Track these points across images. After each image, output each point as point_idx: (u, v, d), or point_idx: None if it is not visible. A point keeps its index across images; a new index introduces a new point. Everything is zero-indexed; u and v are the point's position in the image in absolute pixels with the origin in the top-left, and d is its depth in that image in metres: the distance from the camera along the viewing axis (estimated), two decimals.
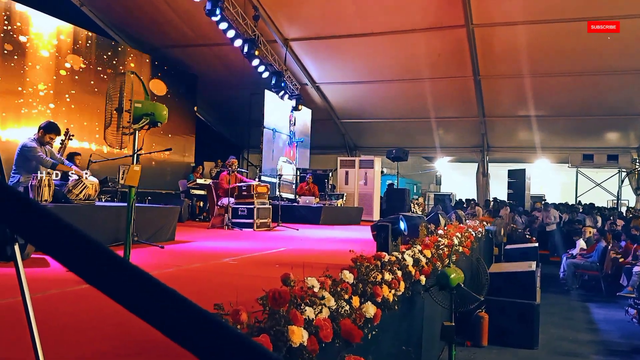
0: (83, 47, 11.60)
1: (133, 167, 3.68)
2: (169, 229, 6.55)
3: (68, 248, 0.46)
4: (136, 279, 0.43)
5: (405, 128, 18.11)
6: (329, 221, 11.64)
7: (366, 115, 17.89)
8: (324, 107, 17.52)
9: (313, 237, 8.22)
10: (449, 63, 14.30)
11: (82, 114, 11.47)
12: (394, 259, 3.63)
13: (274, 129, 15.54)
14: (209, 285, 3.58)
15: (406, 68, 14.82)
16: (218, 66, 15.77)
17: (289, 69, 15.44)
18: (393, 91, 16.23)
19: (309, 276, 2.47)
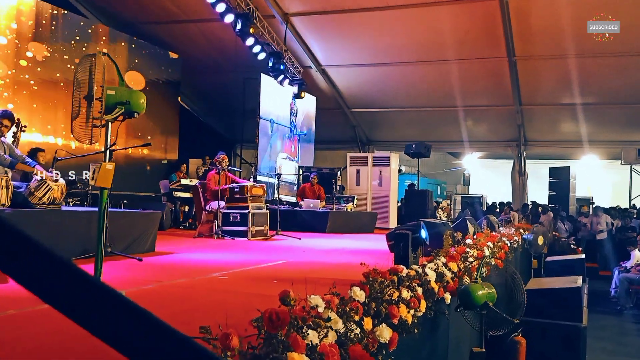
0: (47, 31, 11.65)
1: (105, 165, 3.69)
2: (148, 238, 6.57)
3: (23, 262, 0.46)
4: (106, 300, 0.43)
5: (427, 119, 18.08)
6: (337, 229, 11.63)
7: (381, 103, 17.87)
8: (330, 94, 17.52)
9: (318, 248, 8.21)
10: (479, 41, 14.26)
11: (46, 103, 11.52)
12: (413, 273, 3.62)
13: (271, 119, 15.55)
14: (195, 305, 3.59)
15: (428, 48, 14.80)
16: (206, 46, 15.80)
17: (289, 49, 15.45)
18: (413, 75, 16.21)
19: (313, 294, 2.47)
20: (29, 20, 11.32)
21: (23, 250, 0.47)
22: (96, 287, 0.46)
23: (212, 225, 9.26)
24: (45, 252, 0.45)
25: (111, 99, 3.65)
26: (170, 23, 14.98)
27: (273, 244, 8.62)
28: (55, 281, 0.46)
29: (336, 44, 15.49)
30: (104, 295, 0.44)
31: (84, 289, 0.44)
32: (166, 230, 10.34)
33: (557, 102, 16.51)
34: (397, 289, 3.13)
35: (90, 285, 0.45)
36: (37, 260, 0.45)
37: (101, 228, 3.65)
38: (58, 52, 11.87)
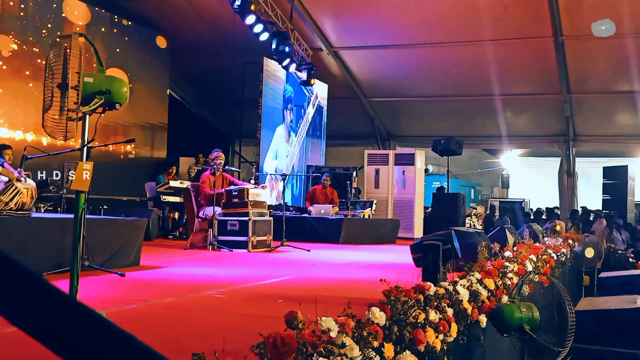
0: (14, 17, 11.73)
1: (82, 165, 3.71)
2: (131, 249, 6.60)
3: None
4: (84, 323, 0.44)
5: (458, 109, 18.04)
6: (352, 239, 11.62)
7: (404, 91, 17.85)
8: (344, 80, 17.53)
9: (330, 262, 8.22)
10: (520, 18, 14.21)
11: (14, 95, 11.60)
12: (442, 291, 3.62)
13: (275, 110, 15.58)
14: (186, 328, 3.60)
15: (460, 26, 14.76)
16: (199, 25, 15.85)
17: (296, 28, 15.47)
18: (442, 58, 16.17)
19: (324, 315, 2.47)
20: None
21: None
22: (73, 307, 0.46)
23: (206, 234, 9.29)
24: (13, 266, 0.46)
25: (89, 88, 3.67)
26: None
27: (277, 257, 8.64)
28: (25, 300, 0.46)
29: (351, 22, 15.49)
30: (82, 316, 0.45)
31: (58, 309, 0.44)
32: (153, 240, 10.40)
33: (613, 90, 16.40)
34: (423, 310, 3.12)
35: (66, 305, 0.46)
36: (3, 275, 0.45)
37: (77, 238, 3.67)
38: (27, 43, 11.93)
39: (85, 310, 0.47)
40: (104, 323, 0.47)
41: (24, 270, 0.47)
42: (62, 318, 0.43)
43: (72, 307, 0.46)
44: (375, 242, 11.87)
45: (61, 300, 0.45)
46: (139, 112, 14.45)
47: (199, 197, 9.79)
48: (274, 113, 15.51)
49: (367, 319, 2.67)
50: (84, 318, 0.44)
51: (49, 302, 0.44)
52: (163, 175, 12.70)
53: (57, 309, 0.44)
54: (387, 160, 15.35)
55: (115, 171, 13.43)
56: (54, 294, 0.47)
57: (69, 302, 0.48)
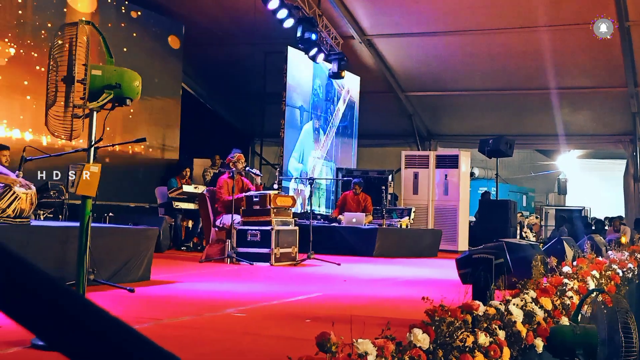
0: (12, 18, 11.91)
1: (89, 167, 3.76)
2: (141, 262, 6.66)
3: (11, 288, 0.48)
4: (120, 337, 0.45)
5: (509, 105, 17.93)
6: (387, 252, 11.61)
7: (446, 84, 17.79)
8: (379, 72, 17.52)
9: (363, 277, 8.23)
10: (580, 1, 14.08)
11: (12, 89, 11.76)
12: (493, 311, 3.60)
13: (301, 107, 15.62)
14: (203, 351, 3.63)
15: (511, 10, 14.68)
16: (215, 11, 15.96)
17: (325, 13, 15.50)
18: (490, 47, 16.09)
19: (360, 337, 2.47)
20: None
21: (11, 272, 0.49)
22: (105, 318, 0.47)
23: (223, 246, 9.33)
24: (41, 275, 0.48)
25: (97, 82, 3.71)
26: None
27: (304, 271, 8.66)
28: (53, 312, 0.48)
29: (387, 7, 15.48)
30: (115, 328, 0.46)
31: (87, 320, 0.46)
32: (164, 252, 10.48)
33: None
34: (471, 333, 3.11)
35: (98, 316, 0.47)
36: (29, 284, 0.47)
37: (84, 249, 3.72)
38: (25, 46, 12.06)
39: (119, 322, 0.49)
40: (142, 339, 0.49)
41: (56, 284, 0.49)
42: (94, 330, 0.44)
43: (106, 318, 0.48)
44: (413, 256, 11.81)
45: (95, 311, 0.46)
46: (148, 108, 14.55)
47: (216, 204, 9.85)
48: (299, 109, 15.54)
49: (409, 342, 2.67)
50: (119, 332, 0.45)
51: (79, 313, 0.45)
52: (175, 179, 12.78)
53: (88, 320, 0.46)
54: (427, 162, 15.29)
55: (121, 174, 13.53)
56: (86, 305, 0.49)
57: (102, 313, 0.49)
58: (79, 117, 3.76)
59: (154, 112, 14.85)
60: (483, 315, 3.44)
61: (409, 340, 2.70)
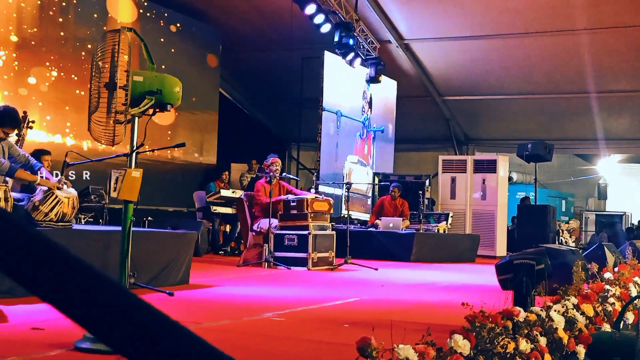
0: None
1: (131, 172, 3.81)
2: (180, 266, 6.72)
3: (84, 296, 0.49)
4: (179, 339, 0.46)
5: (547, 109, 17.75)
6: (425, 257, 11.57)
7: (484, 89, 17.66)
8: (416, 76, 17.46)
9: (401, 282, 8.21)
10: (619, 4, 13.90)
11: (51, 92, 11.95)
12: (533, 317, 3.57)
13: (338, 111, 15.63)
14: (242, 355, 3.65)
15: (549, 13, 14.54)
16: (252, 16, 16.06)
17: (362, 18, 15.51)
18: (528, 51, 15.95)
19: (400, 343, 2.47)
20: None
21: (79, 277, 0.50)
22: (171, 326, 0.49)
23: (261, 250, 9.38)
24: (105, 279, 0.49)
25: (138, 88, 3.76)
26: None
27: (341, 276, 8.66)
28: (120, 317, 0.49)
29: (424, 11, 15.44)
30: (178, 334, 0.47)
31: (153, 326, 0.47)
32: (202, 256, 10.55)
33: None
34: (512, 339, 3.09)
35: (161, 322, 0.48)
36: (96, 289, 0.49)
37: (125, 253, 3.77)
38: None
39: (183, 329, 0.50)
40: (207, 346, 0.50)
41: (115, 284, 0.50)
42: (159, 335, 0.45)
43: (172, 325, 0.49)
44: (451, 261, 11.77)
45: (157, 316, 0.47)
46: (186, 113, 14.68)
47: (253, 208, 9.90)
48: (336, 114, 15.55)
49: (449, 348, 2.66)
50: (184, 339, 0.46)
51: (144, 318, 0.47)
52: (214, 183, 12.87)
53: (153, 326, 0.47)
54: (464, 167, 15.22)
55: (160, 179, 13.66)
56: (153, 312, 0.50)
57: (168, 320, 0.50)
58: (121, 122, 3.82)
59: (192, 117, 14.98)
60: (524, 322, 3.42)
61: (449, 346, 2.70)
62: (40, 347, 3.51)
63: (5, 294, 4.88)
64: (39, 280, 0.54)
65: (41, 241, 0.54)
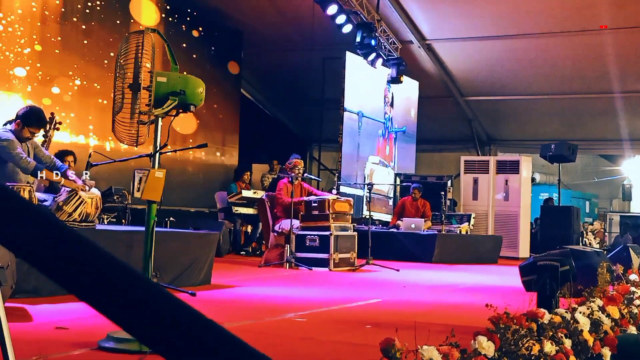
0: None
1: (154, 172, 3.83)
2: (202, 266, 6.75)
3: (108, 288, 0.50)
4: (215, 337, 0.46)
5: (571, 110, 17.63)
6: (447, 258, 11.54)
7: (507, 89, 17.57)
8: (438, 77, 17.42)
9: (423, 283, 8.20)
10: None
11: (75, 102, 12.01)
12: (558, 319, 3.54)
13: (359, 112, 15.62)
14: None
15: (573, 12, 14.45)
16: (273, 17, 16.09)
17: (383, 18, 15.49)
18: (551, 50, 15.85)
19: (424, 344, 2.47)
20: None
21: (119, 276, 0.51)
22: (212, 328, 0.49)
23: (282, 250, 9.39)
24: (145, 281, 0.49)
25: (162, 88, 3.78)
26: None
27: (363, 277, 8.66)
28: (161, 317, 0.49)
29: (446, 11, 15.39)
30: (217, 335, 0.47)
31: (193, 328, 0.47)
32: (223, 256, 10.59)
33: None
34: (537, 341, 3.07)
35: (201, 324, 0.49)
36: (137, 291, 0.49)
37: (149, 253, 3.79)
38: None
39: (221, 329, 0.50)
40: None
41: (154, 286, 0.51)
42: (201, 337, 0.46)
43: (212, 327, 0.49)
44: (473, 262, 11.73)
45: (199, 319, 0.48)
46: (207, 114, 14.73)
47: (275, 209, 9.91)
48: (357, 114, 15.54)
49: (473, 350, 2.65)
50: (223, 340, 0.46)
51: (183, 319, 0.47)
52: (235, 183, 12.90)
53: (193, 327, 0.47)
54: (487, 167, 15.16)
55: (182, 179, 13.73)
56: (190, 311, 0.50)
57: (209, 322, 0.51)
58: (144, 123, 3.84)
59: (213, 118, 15.03)
60: (548, 324, 3.39)
61: (473, 348, 2.68)
62: (64, 346, 3.54)
63: (29, 293, 4.94)
64: (78, 279, 0.54)
65: (80, 241, 0.55)
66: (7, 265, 3.83)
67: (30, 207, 0.60)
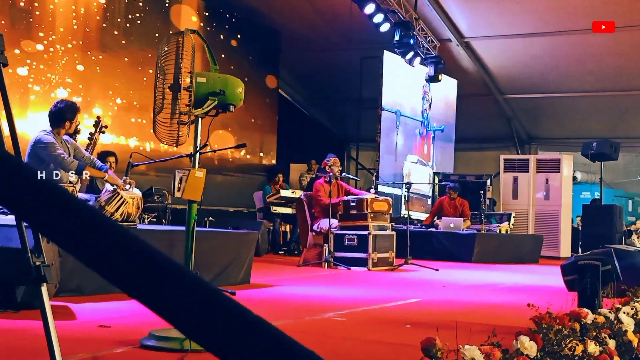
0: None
1: (194, 172, 3.87)
2: (241, 266, 6.80)
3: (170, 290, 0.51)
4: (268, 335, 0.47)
5: (614, 107, 17.39)
6: (486, 257, 11.47)
7: (547, 86, 17.40)
8: (477, 75, 17.30)
9: (462, 282, 8.15)
10: None
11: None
12: (602, 320, 3.50)
13: (397, 111, 15.59)
14: None
15: (615, 8, 14.24)
16: (311, 16, 16.12)
17: (421, 17, 15.43)
18: (594, 47, 15.65)
19: (465, 344, 2.46)
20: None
21: (164, 271, 0.51)
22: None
23: (321, 250, 9.41)
24: (192, 278, 0.50)
25: (202, 89, 3.82)
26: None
27: (401, 277, 8.64)
28: (208, 313, 0.50)
29: (485, 8, 15.28)
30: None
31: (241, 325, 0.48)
32: (262, 256, 10.63)
33: None
34: (581, 341, 3.04)
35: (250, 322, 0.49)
36: (184, 286, 0.50)
37: (189, 252, 3.83)
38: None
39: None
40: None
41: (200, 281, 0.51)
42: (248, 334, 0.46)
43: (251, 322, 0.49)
44: (513, 262, 11.65)
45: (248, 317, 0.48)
46: (246, 114, 14.81)
47: (313, 209, 9.93)
48: (395, 114, 15.52)
49: (516, 350, 2.63)
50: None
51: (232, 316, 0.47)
52: (270, 185, 12.97)
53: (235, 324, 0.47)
54: (527, 166, 15.04)
55: (221, 179, 13.84)
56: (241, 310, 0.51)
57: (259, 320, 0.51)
58: (184, 123, 3.88)
59: (251, 118, 15.12)
60: (592, 324, 3.36)
61: (515, 348, 2.67)
62: (107, 344, 3.59)
63: (73, 292, 5.02)
64: (130, 275, 0.55)
65: (132, 238, 0.56)
66: (52, 263, 3.89)
67: (80, 205, 0.62)
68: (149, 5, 12.76)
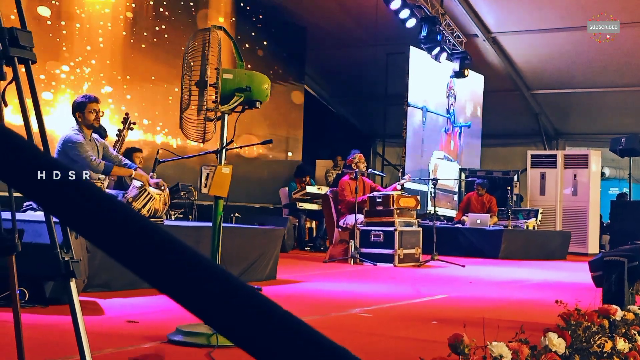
0: None
1: (221, 168, 3.88)
2: (268, 262, 6.81)
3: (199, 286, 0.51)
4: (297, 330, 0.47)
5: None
6: (514, 254, 11.41)
7: (575, 82, 17.24)
8: (504, 70, 17.19)
9: (489, 279, 8.12)
10: None
11: (141, 90, 12.23)
12: (631, 316, 3.47)
13: (423, 107, 15.54)
14: None
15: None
16: (337, 12, 16.12)
17: (448, 12, 15.36)
18: (623, 42, 15.47)
19: (493, 340, 2.44)
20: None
21: (194, 267, 0.52)
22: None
23: (347, 246, 9.41)
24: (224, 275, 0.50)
25: (228, 85, 3.82)
26: None
27: (428, 273, 8.62)
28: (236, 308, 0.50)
29: (512, 3, 15.20)
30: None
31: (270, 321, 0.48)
32: (288, 252, 10.65)
33: None
34: (610, 338, 3.01)
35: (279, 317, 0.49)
36: (215, 282, 0.50)
37: (216, 248, 3.84)
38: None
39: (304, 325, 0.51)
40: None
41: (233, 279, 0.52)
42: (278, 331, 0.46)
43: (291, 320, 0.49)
44: (541, 258, 11.59)
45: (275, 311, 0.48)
46: (271, 110, 14.83)
47: (339, 205, 9.94)
48: (421, 110, 15.48)
49: (544, 346, 2.62)
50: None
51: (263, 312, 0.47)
52: (295, 182, 12.99)
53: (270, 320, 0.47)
54: (554, 162, 14.92)
55: (246, 176, 13.86)
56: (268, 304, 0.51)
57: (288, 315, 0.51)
58: (211, 120, 3.89)
59: (279, 115, 15.14)
60: (621, 320, 3.33)
61: (543, 345, 2.65)
62: (134, 339, 3.62)
63: (101, 287, 5.06)
64: (161, 271, 0.56)
65: (168, 237, 0.56)
66: (80, 259, 3.93)
67: (111, 200, 0.62)
68: (175, 15, 12.77)
